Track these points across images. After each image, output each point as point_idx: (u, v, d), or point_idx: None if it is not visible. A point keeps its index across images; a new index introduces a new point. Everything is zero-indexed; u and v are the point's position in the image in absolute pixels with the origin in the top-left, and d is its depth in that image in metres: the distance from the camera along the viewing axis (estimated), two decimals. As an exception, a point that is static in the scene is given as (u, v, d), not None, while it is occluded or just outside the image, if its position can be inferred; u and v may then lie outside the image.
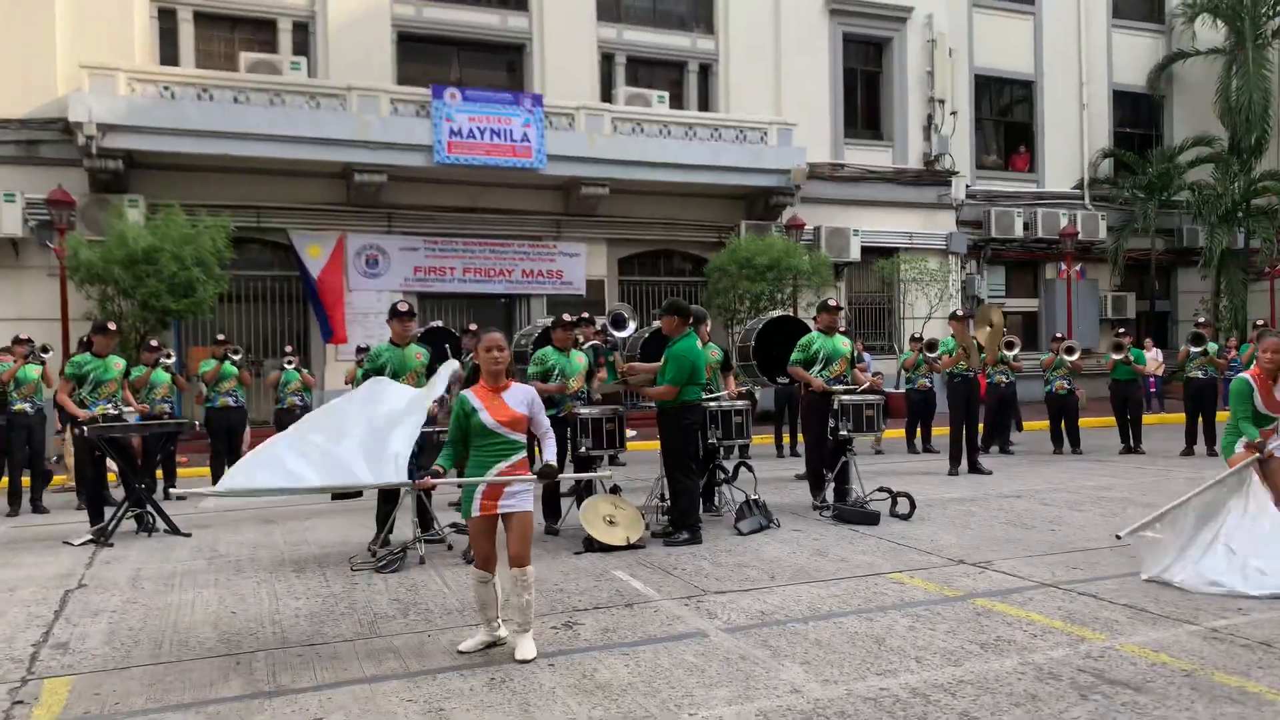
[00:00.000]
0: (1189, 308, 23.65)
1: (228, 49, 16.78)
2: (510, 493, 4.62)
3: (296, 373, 11.48)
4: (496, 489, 4.60)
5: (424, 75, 17.43)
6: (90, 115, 14.14)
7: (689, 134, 17.83)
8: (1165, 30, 24.27)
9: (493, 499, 4.60)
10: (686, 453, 7.44)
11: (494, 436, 4.63)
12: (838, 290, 19.70)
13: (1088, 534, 7.34)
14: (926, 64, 21.03)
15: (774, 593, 5.77)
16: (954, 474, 10.91)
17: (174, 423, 9.63)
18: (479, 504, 4.60)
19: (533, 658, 4.56)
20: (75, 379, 8.59)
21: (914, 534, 7.50)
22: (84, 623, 5.46)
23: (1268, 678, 4.12)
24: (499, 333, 4.81)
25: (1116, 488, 9.71)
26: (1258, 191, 21.94)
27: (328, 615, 5.50)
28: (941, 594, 5.65)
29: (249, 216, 16.01)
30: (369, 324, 16.57)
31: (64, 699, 4.22)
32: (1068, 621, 5.02)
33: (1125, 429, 13.12)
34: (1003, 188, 22.57)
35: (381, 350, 7.39)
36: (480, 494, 4.60)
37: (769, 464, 12.28)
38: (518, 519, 4.63)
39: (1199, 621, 4.96)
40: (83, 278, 13.74)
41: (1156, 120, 24.70)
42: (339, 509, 9.30)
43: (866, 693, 4.06)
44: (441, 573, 6.50)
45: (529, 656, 4.55)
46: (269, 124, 15.04)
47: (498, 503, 4.60)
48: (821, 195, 19.48)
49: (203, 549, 7.62)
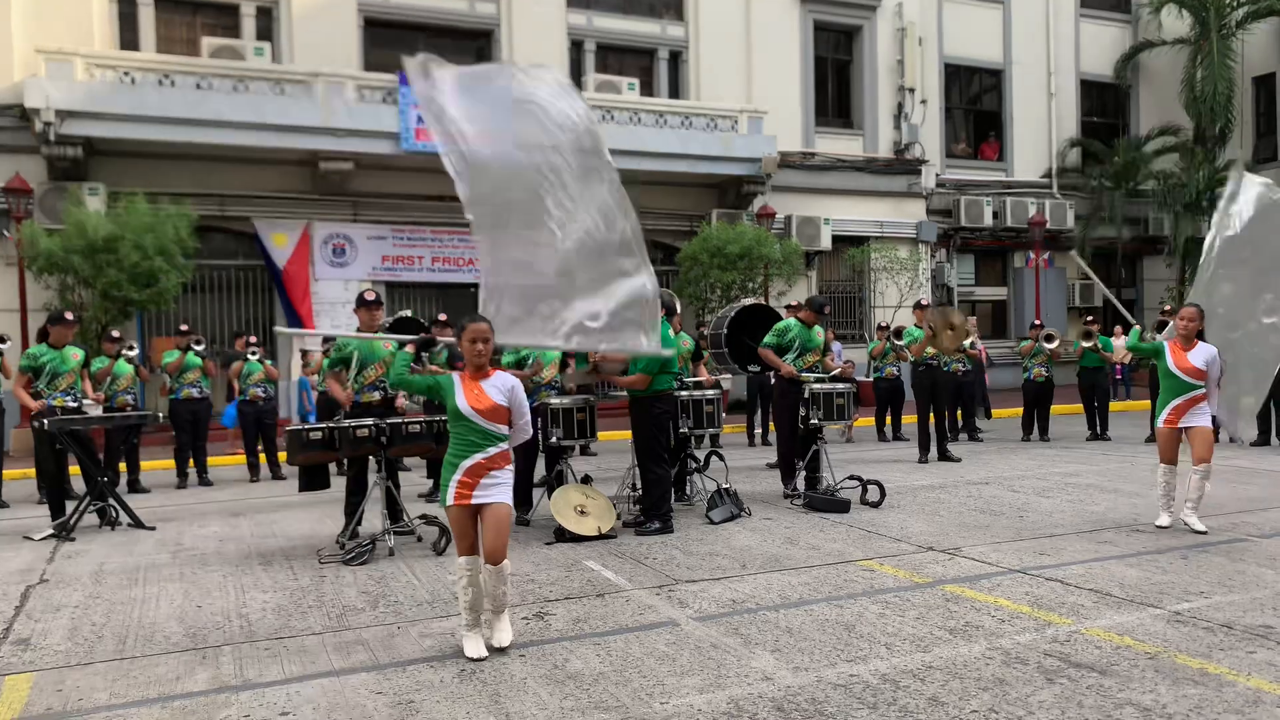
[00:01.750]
0: (1155, 296, 23.99)
1: (189, 34, 16.47)
2: (485, 484, 4.50)
3: (260, 364, 11.32)
4: (471, 479, 4.50)
5: (391, 61, 17.12)
6: (48, 101, 13.82)
7: (659, 122, 17.77)
8: (1132, 20, 24.52)
9: (467, 488, 4.48)
10: (658, 442, 7.43)
11: (468, 424, 4.51)
12: (808, 279, 19.78)
13: (1055, 520, 7.43)
14: (896, 53, 21.10)
15: (745, 581, 5.78)
16: (923, 462, 11.00)
17: (137, 415, 9.49)
18: (453, 492, 4.49)
19: (509, 644, 4.54)
20: (31, 371, 8.39)
21: (884, 521, 7.55)
22: (46, 618, 5.36)
23: (1228, 659, 4.19)
24: (484, 322, 4.67)
25: (1084, 474, 9.83)
26: (1222, 181, 22.17)
27: (295, 608, 5.44)
28: (911, 581, 5.69)
29: (212, 205, 15.76)
30: (336, 314, 16.39)
31: (25, 695, 4.15)
32: (1035, 606, 5.07)
33: (1093, 416, 13.29)
34: (972, 176, 22.73)
35: (349, 339, 7.33)
36: (455, 482, 4.50)
37: (740, 453, 12.32)
38: (492, 511, 4.50)
39: (1163, 605, 5.03)
40: (41, 267, 13.47)
41: (1123, 110, 24.97)
42: (307, 501, 9.19)
43: (837, 679, 4.08)
44: (411, 565, 6.45)
45: (505, 643, 4.54)
46: (232, 110, 14.79)
47: (472, 493, 4.49)
48: (792, 184, 19.51)
49: (167, 543, 7.51)
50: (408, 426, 6.97)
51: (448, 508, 4.56)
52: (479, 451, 4.52)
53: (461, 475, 4.50)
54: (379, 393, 7.29)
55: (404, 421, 7.02)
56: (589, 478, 7.84)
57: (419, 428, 6.97)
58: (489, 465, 4.53)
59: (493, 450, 4.55)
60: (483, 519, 4.53)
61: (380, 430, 6.82)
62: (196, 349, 10.92)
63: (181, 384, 10.86)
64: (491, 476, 4.52)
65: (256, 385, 11.29)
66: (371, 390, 7.26)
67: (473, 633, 4.52)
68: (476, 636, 4.51)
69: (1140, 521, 7.24)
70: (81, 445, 8.20)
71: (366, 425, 6.81)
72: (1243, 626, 4.63)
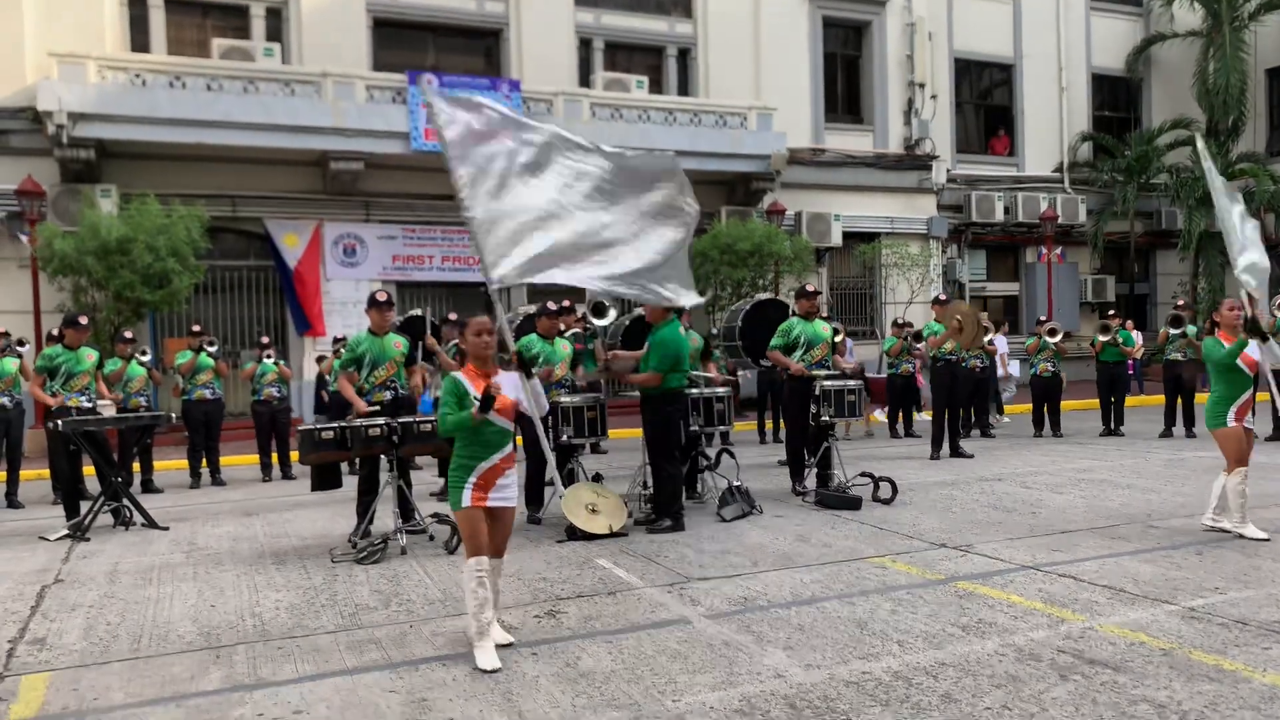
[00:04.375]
0: (1168, 290, 23.85)
1: (200, 36, 16.53)
2: (501, 485, 4.55)
3: (274, 364, 11.38)
4: (487, 481, 4.51)
5: (400, 61, 17.23)
6: (60, 104, 13.90)
7: (668, 119, 17.75)
8: (1143, 13, 24.36)
9: (483, 490, 4.50)
10: (669, 440, 7.43)
11: (485, 424, 4.52)
12: (819, 276, 19.72)
13: (1068, 516, 7.39)
14: (906, 48, 21.01)
15: (757, 579, 5.78)
16: (936, 458, 10.95)
17: (150, 415, 9.54)
18: (470, 495, 4.50)
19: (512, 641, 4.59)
20: (46, 372, 8.54)
21: (896, 518, 7.53)
22: (61, 618, 5.40)
23: (1243, 655, 4.16)
24: (485, 317, 4.76)
25: (1097, 470, 9.79)
26: (1235, 174, 22.09)
27: (309, 607, 5.46)
28: (923, 577, 5.67)
29: (224, 206, 15.83)
30: (347, 314, 16.45)
31: (42, 695, 4.18)
32: (1048, 603, 5.05)
33: (1108, 411, 13.19)
34: (983, 172, 22.62)
35: (361, 339, 7.36)
36: (471, 485, 4.50)
37: (751, 450, 12.31)
38: (507, 514, 4.63)
39: (1177, 601, 5.00)
40: (55, 269, 13.56)
41: (1135, 103, 24.81)
42: (319, 500, 9.23)
43: (849, 676, 4.07)
44: (423, 563, 6.47)
45: (508, 640, 4.58)
46: (242, 112, 14.85)
47: (488, 495, 4.51)
48: (802, 180, 19.46)
49: (181, 542, 7.55)
50: (419, 425, 6.99)
51: (464, 510, 4.50)
52: (496, 451, 4.54)
53: (477, 479, 4.50)
54: (389, 392, 7.31)
55: (415, 421, 7.04)
56: (600, 476, 7.84)
57: (430, 427, 6.99)
58: (504, 466, 4.57)
59: (507, 448, 4.60)
60: (497, 519, 4.57)
61: (392, 429, 6.84)
62: (209, 350, 10.98)
63: (194, 385, 10.91)
64: (506, 477, 4.59)
65: (271, 385, 11.35)
66: (382, 390, 7.28)
67: (485, 641, 4.39)
68: (489, 645, 4.40)
69: (1154, 517, 7.20)
70: (95, 446, 8.26)
71: (378, 424, 6.84)
72: (1258, 622, 4.60)
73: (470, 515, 4.50)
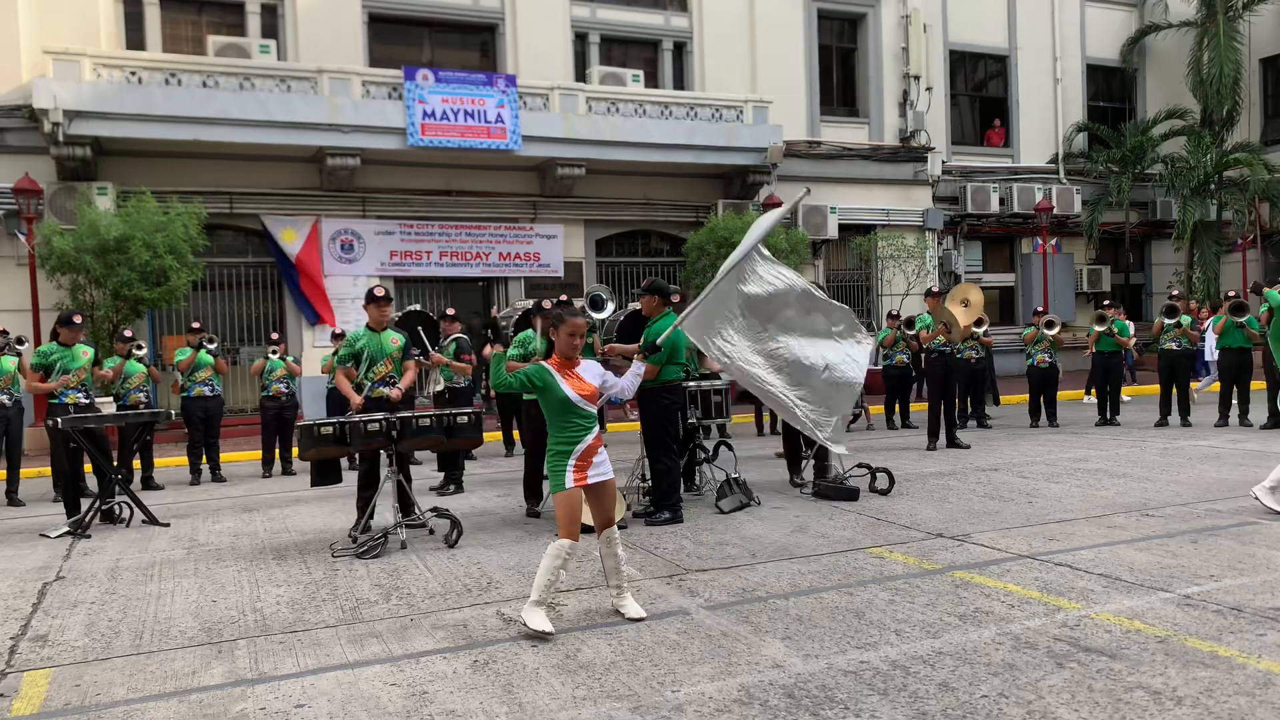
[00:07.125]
0: (1162, 280, 23.91)
1: (195, 33, 16.53)
2: (597, 462, 4.89)
3: (281, 360, 11.40)
4: (585, 461, 4.84)
5: (396, 57, 17.22)
6: (56, 102, 13.89)
7: (664, 113, 17.76)
8: (1137, 3, 24.36)
9: (583, 470, 4.83)
10: (667, 432, 7.46)
11: (576, 410, 4.85)
12: (815, 268, 19.75)
13: (1064, 505, 7.43)
14: (901, 40, 21.02)
15: (755, 570, 5.81)
16: (932, 449, 11.00)
17: (149, 412, 9.55)
18: (571, 476, 4.80)
19: (645, 615, 4.83)
20: (42, 369, 8.61)
21: (893, 509, 7.56)
22: (62, 615, 5.43)
23: (1239, 642, 4.20)
24: (583, 318, 5.10)
25: (1092, 459, 9.82)
26: (1229, 164, 22.13)
27: (309, 602, 5.49)
28: (920, 567, 5.71)
29: (221, 202, 15.83)
30: (345, 309, 16.47)
31: (44, 691, 4.20)
32: (1044, 592, 5.09)
33: (1104, 400, 13.24)
34: (978, 163, 22.65)
35: (359, 335, 7.39)
36: (572, 466, 4.81)
37: (749, 442, 12.34)
38: (609, 486, 4.98)
39: (1172, 589, 5.03)
40: (53, 267, 13.56)
41: (1129, 93, 24.83)
42: (319, 495, 9.26)
43: (847, 666, 4.10)
44: (423, 557, 6.50)
45: (641, 614, 4.84)
46: (239, 108, 14.84)
47: (588, 473, 4.84)
48: (798, 173, 19.46)
49: (181, 539, 7.57)
50: (418, 420, 7.01)
51: (565, 491, 4.79)
52: (588, 433, 4.88)
53: (577, 460, 4.82)
54: (388, 388, 7.33)
55: (414, 416, 7.06)
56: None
57: (429, 422, 7.02)
58: (596, 445, 4.91)
59: (596, 429, 4.96)
60: (599, 493, 4.93)
61: (391, 424, 6.86)
62: (208, 347, 11.00)
63: (193, 382, 10.92)
64: (600, 454, 4.91)
65: (279, 381, 11.37)
66: (381, 386, 7.31)
67: (541, 610, 4.69)
68: (544, 613, 4.70)
69: (1149, 506, 7.24)
70: (95, 442, 8.28)
71: (377, 420, 6.86)
72: (1253, 609, 4.64)
73: (570, 497, 4.80)
